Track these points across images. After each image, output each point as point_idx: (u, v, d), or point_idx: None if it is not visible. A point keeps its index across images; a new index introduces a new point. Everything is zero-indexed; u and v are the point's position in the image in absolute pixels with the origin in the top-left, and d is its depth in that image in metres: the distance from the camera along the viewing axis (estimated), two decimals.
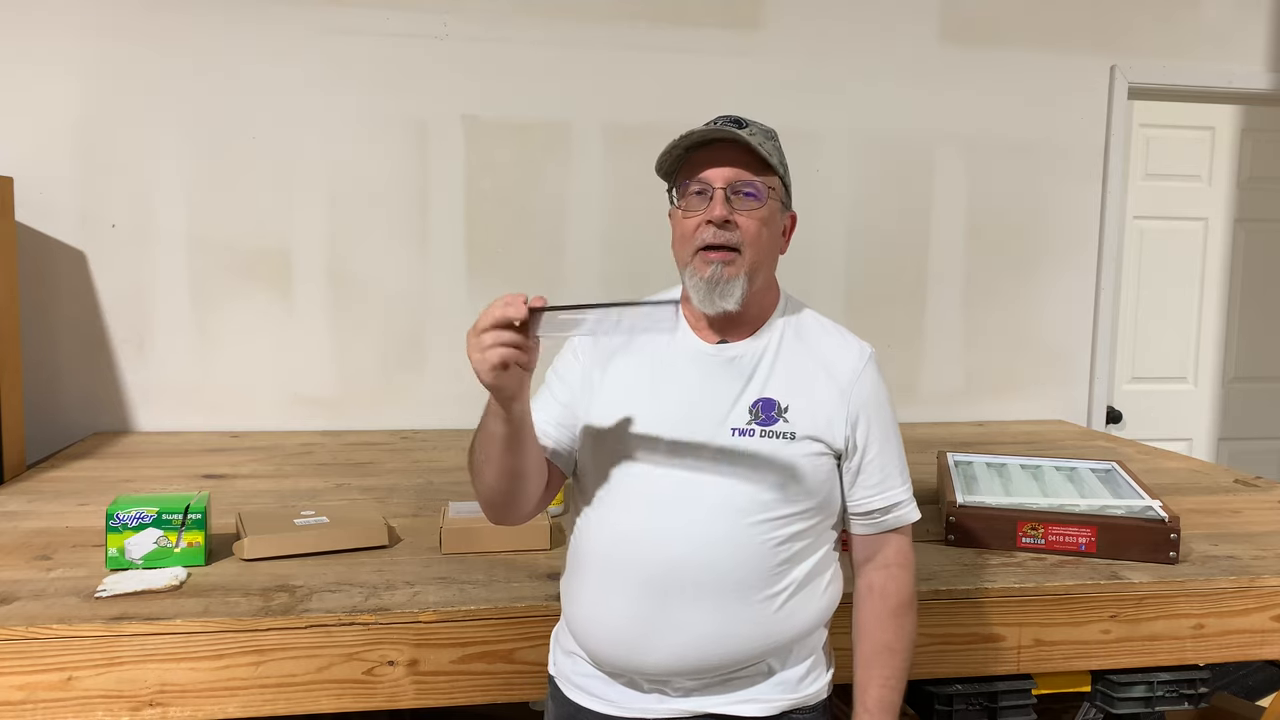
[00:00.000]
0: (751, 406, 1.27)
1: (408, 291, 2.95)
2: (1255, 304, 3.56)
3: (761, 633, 1.25)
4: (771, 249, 1.30)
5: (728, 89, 3.03)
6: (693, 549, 1.23)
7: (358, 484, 2.28)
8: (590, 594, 1.29)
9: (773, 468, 1.25)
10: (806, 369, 1.31)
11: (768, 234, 1.28)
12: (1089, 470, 2.22)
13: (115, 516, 1.61)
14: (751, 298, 1.29)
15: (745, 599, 1.24)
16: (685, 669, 1.24)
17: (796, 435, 1.26)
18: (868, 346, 1.37)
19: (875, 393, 1.33)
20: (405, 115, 2.90)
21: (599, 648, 1.28)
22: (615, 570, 1.27)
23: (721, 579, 1.23)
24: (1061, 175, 3.28)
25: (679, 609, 1.23)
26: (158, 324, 2.83)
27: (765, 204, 1.26)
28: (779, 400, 1.28)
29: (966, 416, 3.28)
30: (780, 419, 1.27)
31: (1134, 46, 3.27)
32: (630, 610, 1.25)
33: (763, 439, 1.26)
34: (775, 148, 1.30)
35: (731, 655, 1.24)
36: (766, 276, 1.31)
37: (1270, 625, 1.72)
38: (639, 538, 1.26)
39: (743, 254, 1.26)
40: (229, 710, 1.44)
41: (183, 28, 2.76)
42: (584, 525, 1.33)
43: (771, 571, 1.25)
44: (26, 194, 2.68)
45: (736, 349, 1.31)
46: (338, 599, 1.52)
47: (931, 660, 1.63)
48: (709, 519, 1.24)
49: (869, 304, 3.19)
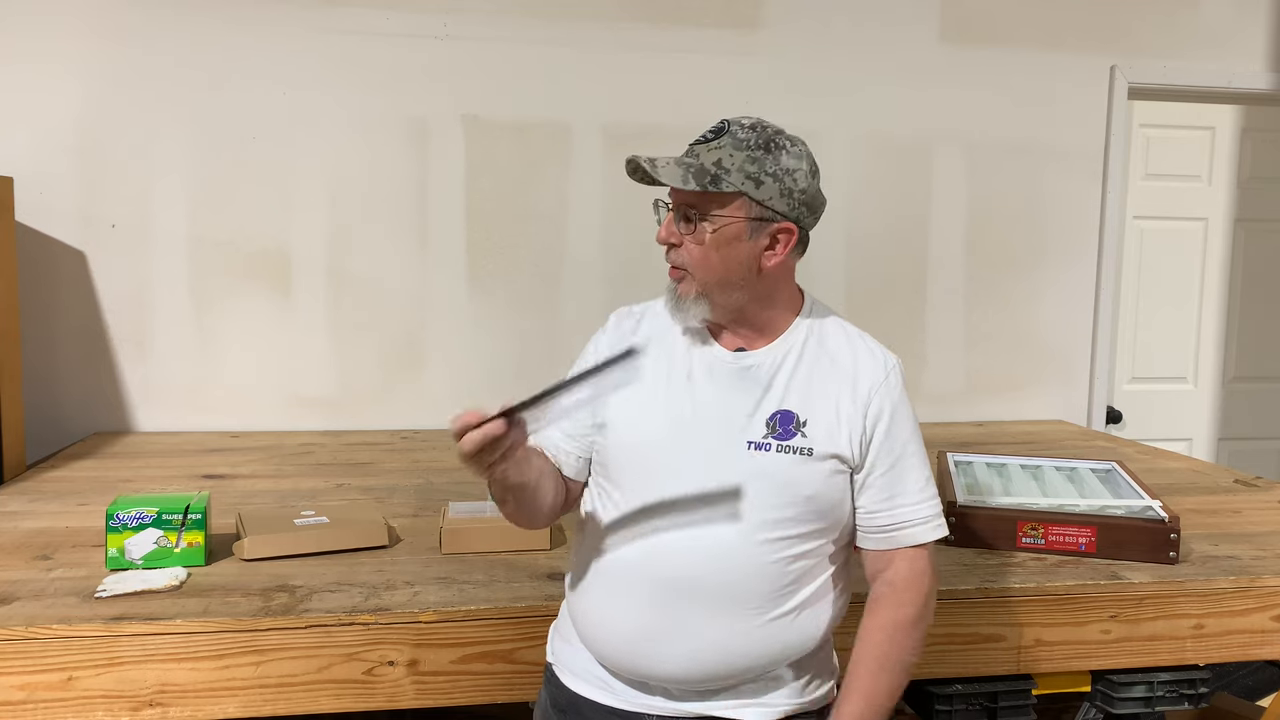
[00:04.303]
0: (769, 419, 1.24)
1: (408, 291, 2.95)
2: (1255, 304, 3.56)
3: (771, 647, 1.24)
4: (732, 270, 1.23)
5: (728, 89, 3.03)
6: (701, 563, 1.22)
7: (358, 484, 2.28)
8: (598, 597, 1.29)
9: (788, 485, 1.22)
10: (828, 380, 1.27)
11: (719, 257, 1.22)
12: (1089, 470, 2.22)
13: (115, 516, 1.61)
14: (743, 311, 1.27)
15: (755, 615, 1.22)
16: (691, 679, 1.24)
17: (815, 452, 1.23)
18: (893, 357, 1.32)
19: (896, 405, 1.28)
20: (405, 115, 2.90)
21: (605, 650, 1.28)
22: (623, 577, 1.26)
23: (731, 594, 1.22)
24: (1061, 175, 3.28)
25: (686, 621, 1.22)
26: (158, 324, 2.83)
27: (713, 231, 1.21)
28: (798, 413, 1.25)
29: (966, 416, 3.28)
30: (798, 433, 1.24)
31: (1134, 46, 3.27)
32: (637, 618, 1.24)
33: (779, 454, 1.22)
34: (750, 159, 1.20)
35: (740, 667, 1.24)
36: (740, 296, 1.25)
37: (1270, 625, 1.72)
38: (648, 549, 1.25)
39: (692, 275, 1.25)
40: (229, 710, 1.44)
41: (183, 28, 2.76)
42: (594, 528, 1.32)
43: (783, 588, 1.23)
44: (26, 194, 2.68)
45: (753, 357, 1.28)
46: (338, 599, 1.52)
47: (931, 660, 1.63)
48: (720, 534, 1.22)
49: (869, 304, 3.19)
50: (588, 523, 1.34)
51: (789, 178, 1.22)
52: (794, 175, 1.22)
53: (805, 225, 1.26)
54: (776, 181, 1.22)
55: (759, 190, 1.21)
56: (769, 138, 1.23)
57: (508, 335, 2.99)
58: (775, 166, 1.22)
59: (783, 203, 1.22)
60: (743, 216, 1.22)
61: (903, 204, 3.20)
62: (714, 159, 1.21)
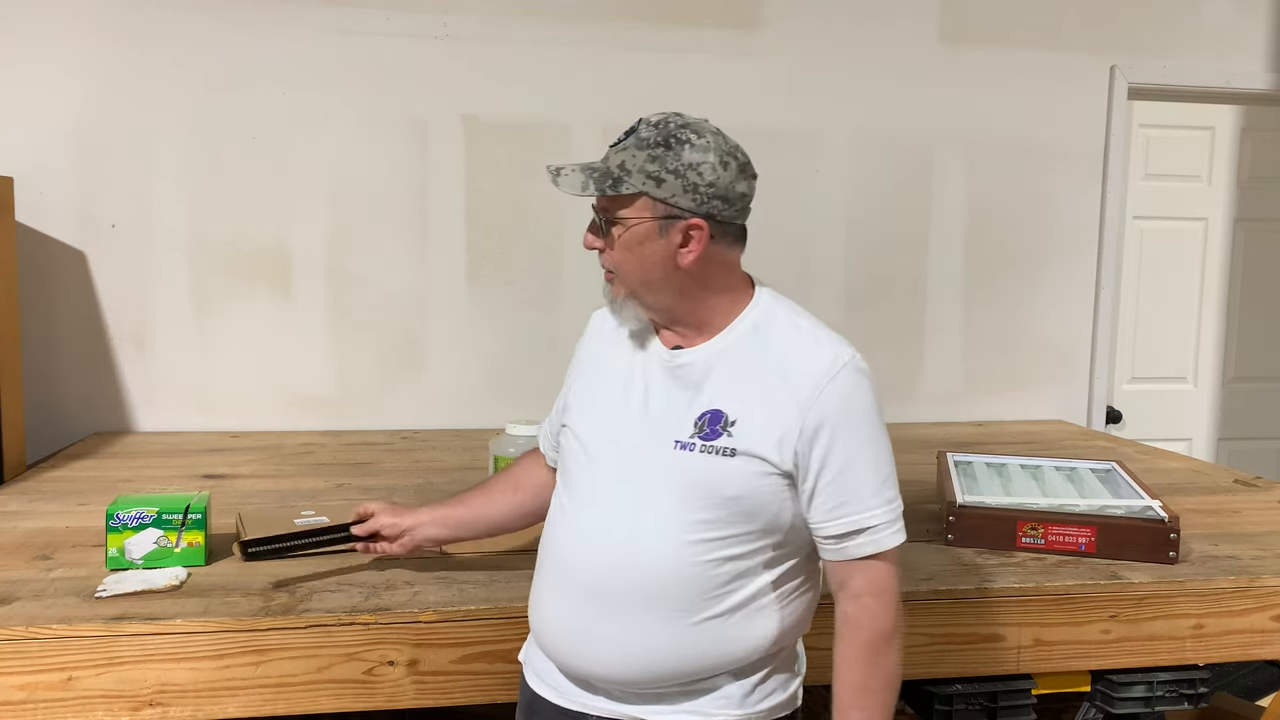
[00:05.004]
0: (698, 419, 1.22)
1: (408, 291, 2.95)
2: (1255, 304, 3.56)
3: (705, 651, 1.21)
4: (649, 270, 1.23)
5: (728, 89, 3.03)
6: (625, 564, 1.22)
7: (358, 484, 2.28)
8: (538, 594, 1.32)
9: (711, 486, 1.19)
10: (762, 378, 1.21)
11: (633, 259, 1.23)
12: (1089, 470, 2.22)
13: (115, 516, 1.61)
14: (673, 310, 1.26)
15: (684, 618, 1.20)
16: (622, 680, 1.23)
17: (736, 452, 1.19)
18: (846, 352, 1.22)
19: (844, 406, 1.19)
20: (405, 115, 2.90)
21: (545, 647, 1.30)
22: (558, 574, 1.28)
23: (657, 596, 1.20)
24: (1061, 175, 3.28)
25: (613, 621, 1.22)
26: (158, 324, 2.83)
27: (622, 234, 1.22)
28: (727, 413, 1.21)
29: (966, 416, 3.28)
30: (724, 433, 1.20)
31: (1134, 46, 3.27)
32: (568, 616, 1.26)
33: (702, 454, 1.20)
34: (650, 159, 1.20)
35: (673, 670, 1.21)
36: (667, 295, 1.24)
37: (1270, 625, 1.72)
38: (576, 547, 1.27)
39: (619, 278, 1.27)
40: (229, 710, 1.44)
41: (182, 28, 2.76)
42: (546, 523, 1.36)
43: (713, 592, 1.20)
44: (26, 194, 2.68)
45: (687, 356, 1.26)
46: (338, 599, 1.52)
47: (931, 660, 1.63)
48: (643, 535, 1.21)
49: (869, 304, 3.19)
50: (547, 516, 1.37)
51: (692, 172, 1.20)
52: (698, 169, 1.20)
53: (723, 217, 1.23)
54: (679, 178, 1.20)
55: (660, 189, 1.20)
56: (670, 133, 1.21)
57: (508, 335, 2.99)
58: (677, 162, 1.20)
59: (687, 199, 1.20)
60: (649, 216, 1.21)
61: (903, 204, 3.20)
62: (619, 161, 1.22)
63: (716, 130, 1.24)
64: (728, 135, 1.25)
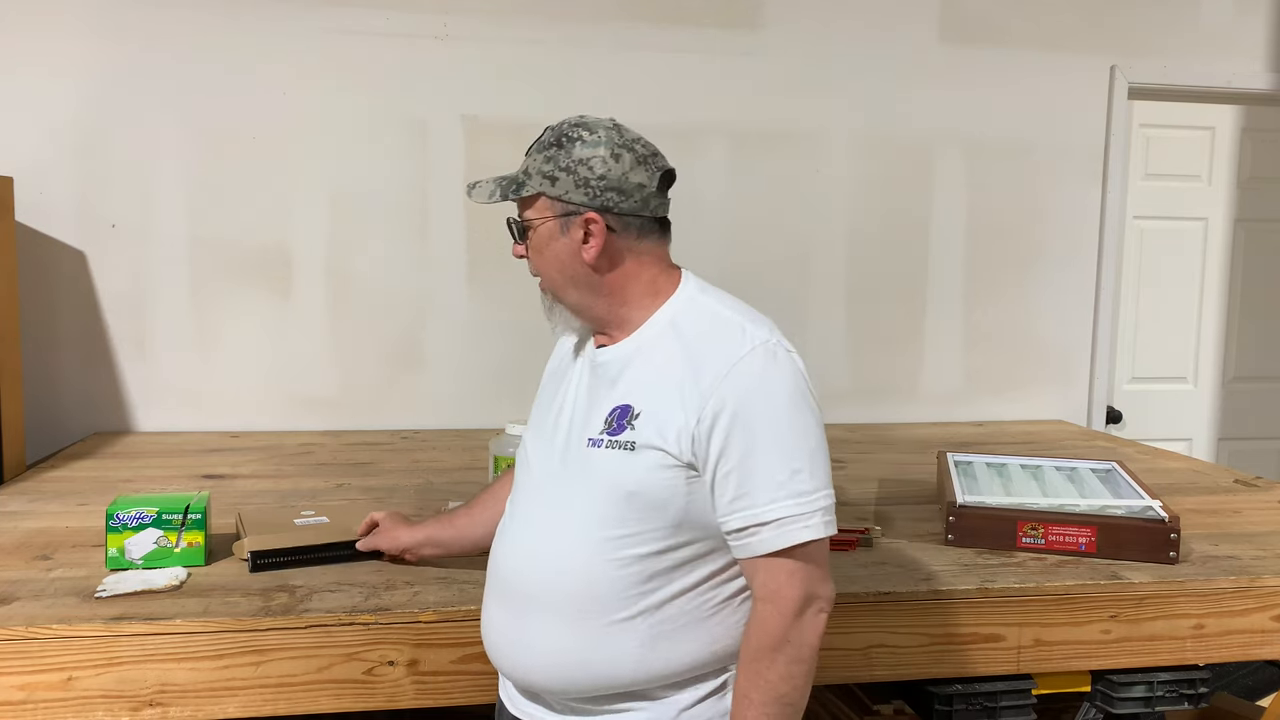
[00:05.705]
0: (609, 415, 1.20)
1: (408, 291, 2.95)
2: (1255, 304, 3.56)
3: (622, 658, 1.17)
4: (562, 270, 1.24)
5: (728, 89, 3.03)
6: (536, 564, 1.22)
7: (358, 484, 2.28)
8: (484, 598, 1.33)
9: (612, 481, 1.17)
10: (672, 369, 1.18)
11: (544, 260, 1.26)
12: (1089, 470, 2.22)
13: (115, 516, 1.61)
14: (593, 308, 1.26)
15: (593, 619, 1.17)
16: (545, 686, 1.23)
17: (636, 445, 1.16)
18: (762, 335, 1.17)
19: (750, 390, 1.13)
20: (405, 115, 2.90)
21: (488, 652, 1.32)
22: (490, 581, 1.31)
23: (569, 597, 1.18)
24: (1061, 175, 3.28)
25: (532, 624, 1.21)
26: (158, 324, 2.83)
27: (529, 237, 1.27)
28: (634, 407, 1.19)
29: (966, 416, 3.28)
30: (628, 427, 1.17)
31: (1134, 46, 3.27)
32: (497, 619, 1.28)
33: (608, 450, 1.18)
34: (546, 159, 1.22)
35: (590, 677, 1.18)
36: (583, 293, 1.25)
37: (1270, 625, 1.72)
38: (499, 551, 1.30)
39: (542, 281, 1.30)
40: (229, 710, 1.44)
41: (182, 28, 2.76)
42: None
43: (625, 593, 1.16)
44: (26, 194, 2.68)
45: (606, 354, 1.26)
46: (337, 599, 1.52)
47: (931, 660, 1.63)
48: (552, 534, 1.21)
49: (869, 304, 3.19)
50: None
51: (583, 167, 1.21)
52: (589, 164, 1.21)
53: (621, 210, 1.21)
54: (570, 174, 1.21)
55: (555, 187, 1.22)
56: (563, 133, 1.23)
57: (508, 335, 2.99)
58: (568, 159, 1.21)
59: (580, 194, 1.21)
60: (550, 215, 1.24)
61: (903, 204, 3.20)
62: (524, 166, 1.26)
63: (614, 125, 1.24)
64: (628, 130, 1.25)
